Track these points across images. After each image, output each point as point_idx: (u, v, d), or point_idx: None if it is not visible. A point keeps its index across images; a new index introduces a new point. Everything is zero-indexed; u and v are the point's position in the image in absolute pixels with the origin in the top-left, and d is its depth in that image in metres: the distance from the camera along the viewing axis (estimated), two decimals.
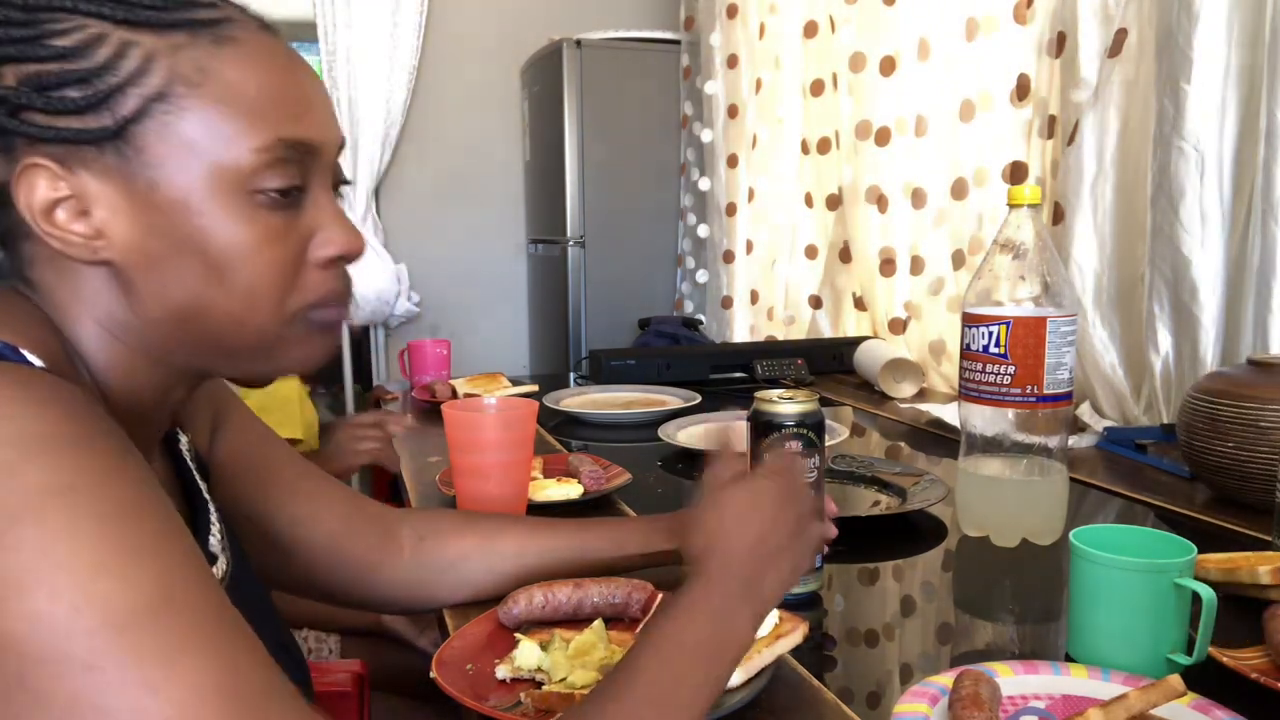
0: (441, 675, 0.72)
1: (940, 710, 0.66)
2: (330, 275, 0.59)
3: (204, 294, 0.55)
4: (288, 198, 0.56)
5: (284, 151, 0.55)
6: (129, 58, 0.52)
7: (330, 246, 0.59)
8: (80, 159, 0.52)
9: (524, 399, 1.12)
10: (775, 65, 2.56)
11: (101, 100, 0.51)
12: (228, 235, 0.54)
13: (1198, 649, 0.71)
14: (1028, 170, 1.76)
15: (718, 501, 0.67)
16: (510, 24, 3.31)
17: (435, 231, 3.37)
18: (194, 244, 0.54)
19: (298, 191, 0.57)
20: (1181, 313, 1.42)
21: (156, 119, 0.52)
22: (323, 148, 0.58)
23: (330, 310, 0.60)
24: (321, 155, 0.58)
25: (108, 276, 0.55)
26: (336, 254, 0.59)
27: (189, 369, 0.60)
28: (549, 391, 1.83)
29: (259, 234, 0.55)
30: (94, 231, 0.53)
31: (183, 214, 0.53)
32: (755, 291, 2.69)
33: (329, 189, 0.60)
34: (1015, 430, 1.02)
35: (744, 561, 0.64)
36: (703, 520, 0.66)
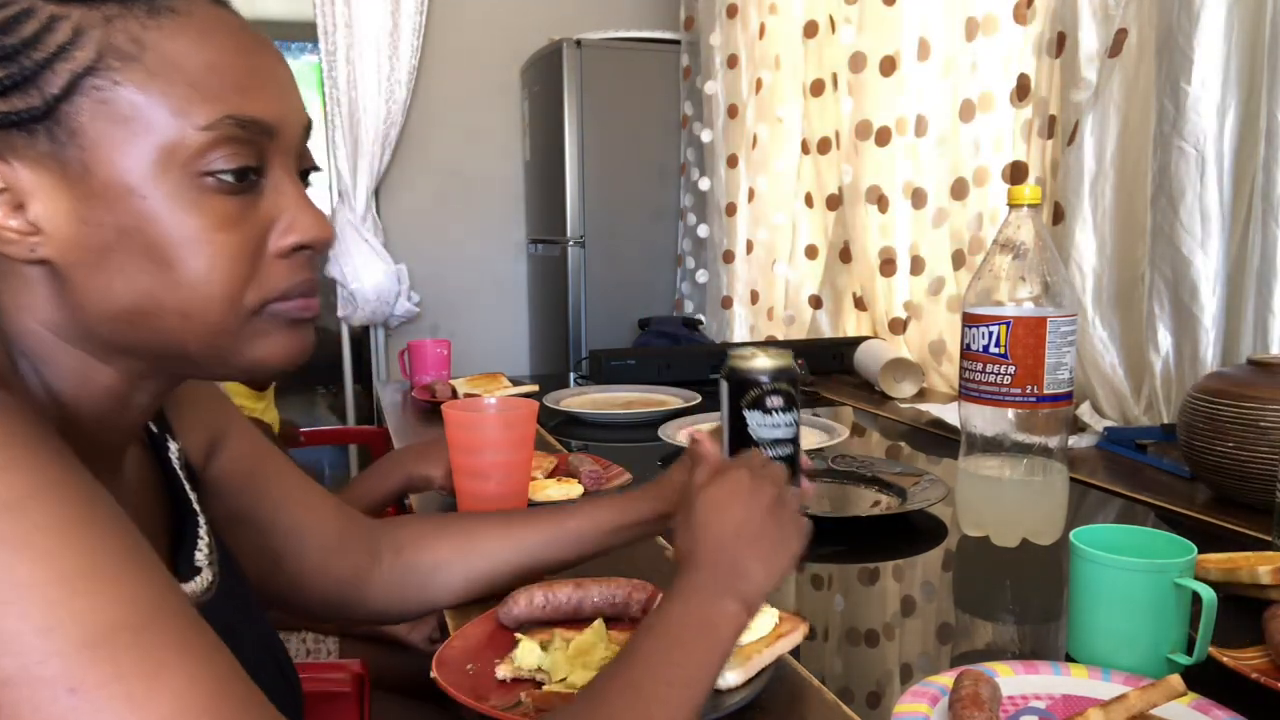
0: (441, 675, 0.72)
1: (940, 710, 0.66)
2: (294, 266, 0.55)
3: (153, 290, 0.50)
4: (242, 181, 0.51)
5: (234, 130, 0.50)
6: (57, 31, 0.48)
7: (292, 234, 0.54)
8: (10, 146, 0.48)
9: (524, 399, 1.12)
10: (775, 65, 2.56)
11: (28, 78, 0.47)
12: (175, 223, 0.50)
13: (1198, 649, 0.71)
14: (1028, 170, 1.76)
15: (698, 499, 0.69)
16: (510, 24, 3.31)
17: (435, 231, 3.38)
18: (139, 235, 0.49)
19: (254, 175, 0.52)
20: (1181, 313, 1.42)
21: (89, 96, 0.48)
22: (280, 127, 0.53)
23: (295, 304, 0.55)
24: (280, 136, 0.53)
25: (49, 275, 0.51)
26: (299, 242, 0.54)
27: (148, 372, 0.55)
28: (549, 391, 1.83)
29: (210, 221, 0.50)
30: (30, 227, 0.49)
31: (125, 202, 0.49)
32: (755, 291, 2.69)
33: (293, 174, 0.55)
34: (1015, 430, 1.02)
35: (724, 548, 0.66)
36: (685, 518, 0.69)
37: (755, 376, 0.79)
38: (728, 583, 0.64)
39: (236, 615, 0.61)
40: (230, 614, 0.59)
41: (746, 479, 0.69)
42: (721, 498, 0.68)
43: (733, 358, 0.81)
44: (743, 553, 0.66)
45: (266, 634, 0.67)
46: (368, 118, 3.14)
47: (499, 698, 0.71)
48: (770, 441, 0.79)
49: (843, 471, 1.27)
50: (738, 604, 0.64)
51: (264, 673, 0.49)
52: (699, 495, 0.69)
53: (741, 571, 0.65)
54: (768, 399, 0.79)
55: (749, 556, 0.66)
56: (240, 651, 0.46)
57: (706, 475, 0.72)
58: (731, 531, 0.66)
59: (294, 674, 0.70)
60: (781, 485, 0.71)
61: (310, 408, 4.10)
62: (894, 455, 1.53)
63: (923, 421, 1.68)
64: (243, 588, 0.67)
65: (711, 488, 0.69)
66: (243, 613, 0.64)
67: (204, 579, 0.60)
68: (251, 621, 0.65)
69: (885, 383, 1.93)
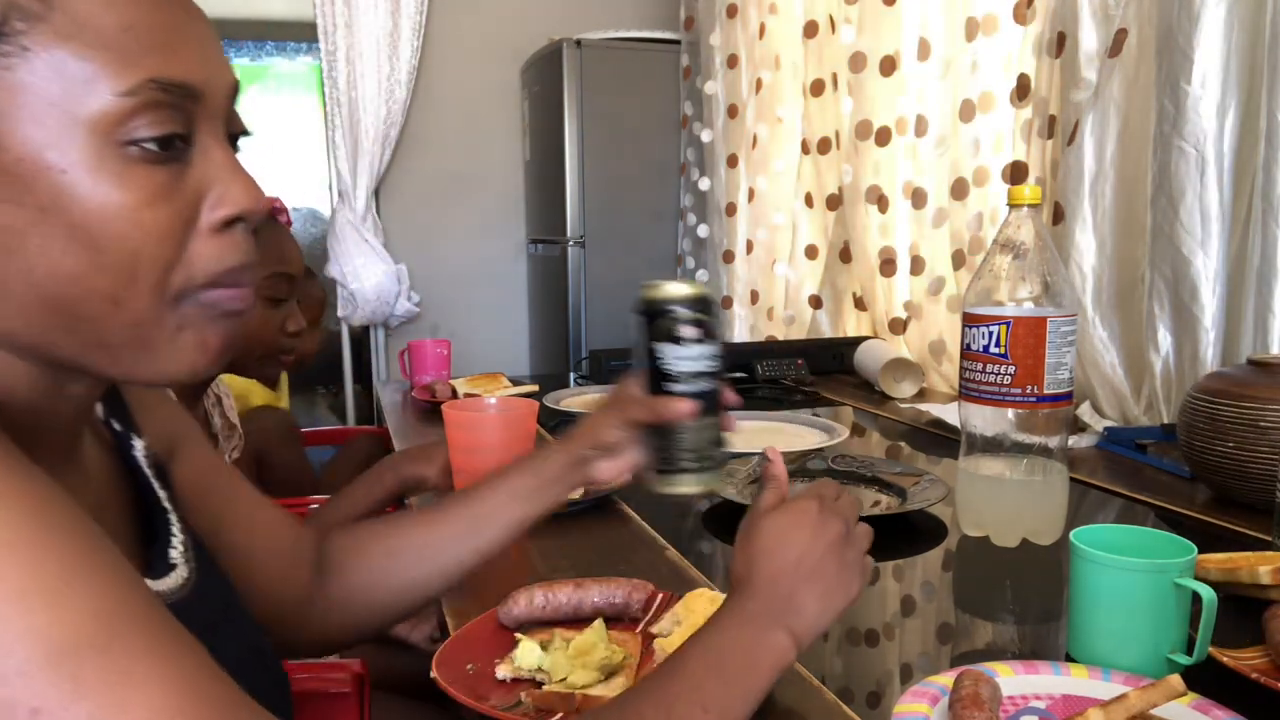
0: (441, 675, 0.72)
1: (940, 710, 0.66)
2: (227, 245, 0.50)
3: (75, 273, 0.46)
4: (168, 150, 0.47)
5: (157, 94, 0.46)
6: None
7: (226, 205, 0.50)
8: None
9: (524, 399, 1.12)
10: (775, 65, 2.56)
11: None
12: (98, 198, 0.46)
13: (1198, 649, 0.71)
14: (1028, 170, 1.76)
15: (761, 524, 0.66)
16: (510, 24, 3.31)
17: (435, 231, 3.38)
18: (61, 214, 0.45)
19: (181, 142, 0.48)
20: (1181, 313, 1.42)
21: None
22: (207, 90, 0.49)
23: (228, 293, 0.51)
24: (207, 100, 0.49)
25: None
26: (233, 213, 0.50)
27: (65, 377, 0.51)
28: (549, 391, 1.83)
29: (136, 194, 0.46)
30: None
31: (42, 177, 0.45)
32: (755, 291, 2.69)
33: (222, 140, 0.51)
34: (1015, 430, 1.02)
35: (781, 580, 0.63)
36: (745, 542, 0.66)
37: (665, 305, 0.74)
38: (780, 615, 0.62)
39: (216, 612, 0.60)
40: (209, 611, 0.58)
41: (814, 511, 0.66)
42: (785, 527, 0.65)
43: (643, 288, 0.75)
44: (800, 586, 0.63)
45: (250, 630, 0.65)
46: (368, 118, 3.14)
47: (499, 698, 0.71)
48: (686, 375, 0.75)
49: (843, 471, 1.27)
50: (788, 638, 0.62)
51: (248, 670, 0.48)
52: (762, 520, 0.66)
53: (796, 606, 0.63)
54: (680, 329, 0.74)
55: (806, 591, 0.63)
56: (222, 649, 0.45)
57: (774, 499, 0.69)
58: (791, 563, 0.64)
59: (280, 670, 0.68)
60: (851, 521, 0.68)
61: (310, 408, 4.10)
62: (894, 455, 1.53)
63: (923, 421, 1.68)
64: (223, 584, 0.64)
65: (777, 515, 0.66)
66: (223, 609, 0.62)
67: (179, 575, 0.57)
68: (233, 618, 0.63)
69: (885, 383, 1.93)
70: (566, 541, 1.07)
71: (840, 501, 0.68)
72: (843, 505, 0.68)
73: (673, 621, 0.79)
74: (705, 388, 0.75)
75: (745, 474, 1.25)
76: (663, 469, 0.78)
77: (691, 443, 0.77)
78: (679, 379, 0.75)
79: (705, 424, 0.76)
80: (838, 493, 0.70)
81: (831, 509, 0.67)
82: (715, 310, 0.76)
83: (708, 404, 0.76)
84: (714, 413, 0.76)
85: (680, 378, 0.75)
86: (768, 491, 0.69)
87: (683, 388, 0.75)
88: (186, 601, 0.56)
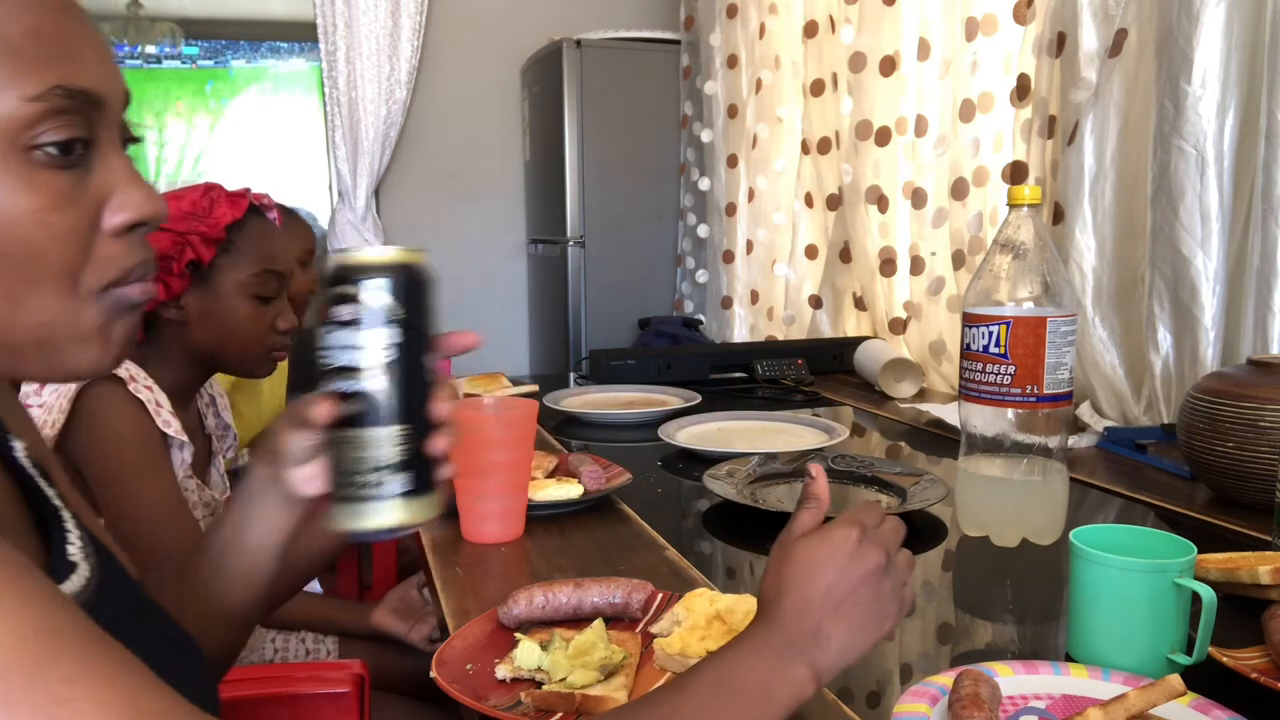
0: (441, 675, 0.72)
1: (940, 710, 0.66)
2: (130, 246, 0.51)
3: None
4: (70, 155, 0.49)
5: (63, 100, 0.47)
6: None
7: (126, 211, 0.51)
8: None
9: (524, 399, 1.12)
10: (775, 65, 2.56)
11: None
12: (4, 201, 0.47)
13: (1198, 649, 0.71)
14: (1028, 170, 1.76)
15: (795, 549, 0.63)
16: (510, 24, 3.31)
17: (435, 231, 3.38)
18: None
19: (83, 147, 0.49)
20: (1181, 313, 1.42)
21: None
22: (107, 98, 0.50)
23: (136, 288, 0.52)
24: (107, 107, 0.51)
25: None
26: (134, 219, 0.51)
27: None
28: (549, 391, 1.83)
29: (43, 198, 0.47)
30: None
31: None
32: (755, 291, 2.69)
33: (119, 147, 0.52)
34: (1015, 430, 1.02)
35: (809, 610, 0.60)
36: (778, 564, 0.63)
37: (328, 277, 0.58)
38: (802, 647, 0.59)
39: (123, 608, 0.58)
40: (116, 607, 0.56)
41: (853, 539, 0.62)
42: (820, 555, 0.61)
43: (333, 254, 0.59)
44: (828, 619, 0.60)
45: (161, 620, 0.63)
46: (368, 118, 3.14)
47: (499, 698, 0.71)
48: (329, 372, 0.58)
49: (843, 471, 1.27)
50: (807, 671, 0.59)
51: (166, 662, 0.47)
52: (797, 545, 0.63)
53: (822, 639, 0.59)
54: (332, 308, 0.57)
55: (834, 624, 0.60)
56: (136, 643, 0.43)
57: (810, 520, 0.65)
58: (821, 594, 0.60)
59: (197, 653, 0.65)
60: (893, 550, 0.63)
61: None
62: (894, 455, 1.53)
63: (923, 421, 1.68)
64: (124, 576, 0.62)
65: (814, 541, 0.62)
66: (129, 604, 0.60)
67: (81, 574, 0.56)
68: (142, 611, 0.61)
69: (885, 383, 1.93)
70: (566, 541, 1.07)
71: (883, 529, 0.64)
72: (884, 534, 0.64)
73: (672, 621, 0.79)
74: (352, 389, 0.57)
75: (745, 474, 1.25)
76: (332, 494, 0.61)
77: (337, 460, 0.59)
78: (322, 373, 0.58)
79: (353, 437, 0.58)
80: (880, 519, 0.65)
81: (872, 538, 0.63)
82: (406, 289, 0.58)
83: (364, 409, 0.58)
84: (371, 423, 0.58)
85: (325, 371, 0.58)
86: (805, 512, 0.66)
87: (330, 384, 0.58)
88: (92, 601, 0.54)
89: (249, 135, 7.20)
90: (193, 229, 1.17)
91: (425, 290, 0.59)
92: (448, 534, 1.09)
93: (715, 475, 1.22)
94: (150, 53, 6.76)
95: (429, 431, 0.60)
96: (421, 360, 0.60)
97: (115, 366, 0.54)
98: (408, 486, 0.59)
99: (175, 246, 1.17)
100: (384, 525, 0.59)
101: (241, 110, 6.90)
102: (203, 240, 1.18)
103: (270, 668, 1.26)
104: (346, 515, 0.59)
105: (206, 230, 1.18)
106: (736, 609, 0.78)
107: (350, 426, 0.58)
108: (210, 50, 7.02)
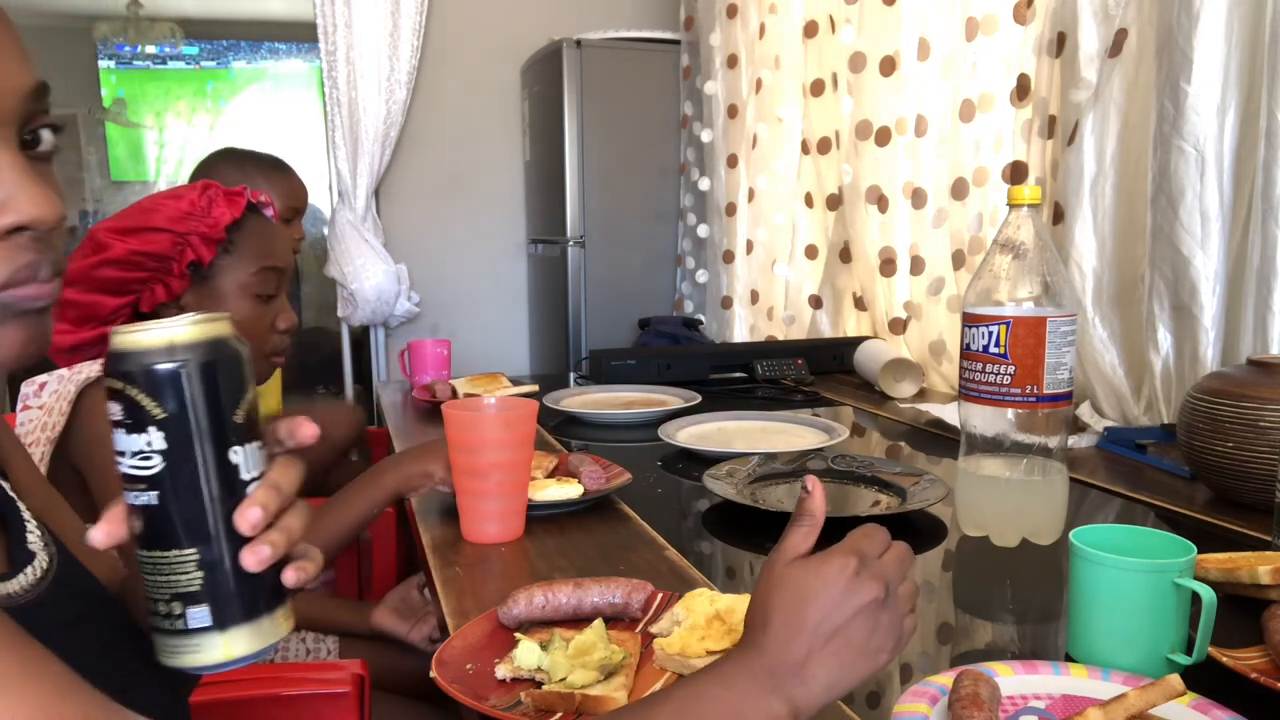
0: (441, 675, 0.72)
1: (940, 710, 0.66)
2: (15, 249, 0.49)
3: None
4: None
5: None
6: None
7: (8, 214, 0.49)
8: None
9: (524, 399, 1.12)
10: (775, 65, 2.56)
11: None
12: None
13: (1198, 649, 0.71)
14: (1028, 170, 1.76)
15: (787, 574, 0.59)
16: (510, 24, 3.31)
17: (435, 231, 3.37)
18: None
19: None
20: (1181, 313, 1.42)
21: None
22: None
23: (25, 291, 0.49)
24: None
25: None
26: (16, 223, 0.49)
27: None
28: (549, 391, 1.83)
29: None
30: None
31: None
32: (755, 291, 2.69)
33: (11, 145, 0.49)
34: (1015, 430, 1.02)
35: (794, 641, 0.57)
36: (767, 586, 0.59)
37: (109, 364, 0.48)
38: (784, 681, 0.56)
39: (83, 595, 0.58)
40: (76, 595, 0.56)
41: (850, 570, 0.58)
42: (814, 585, 0.58)
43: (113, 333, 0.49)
44: (816, 653, 0.56)
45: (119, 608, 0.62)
46: (368, 118, 3.14)
47: (499, 697, 0.71)
48: (128, 480, 0.48)
49: (843, 471, 1.27)
50: (783, 707, 0.56)
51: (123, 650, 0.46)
52: (789, 569, 0.59)
53: (805, 675, 0.56)
54: (111, 403, 0.48)
55: (821, 660, 0.56)
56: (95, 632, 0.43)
57: (803, 541, 0.61)
58: (811, 625, 0.57)
59: None
60: (894, 582, 0.59)
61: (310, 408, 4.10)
62: (894, 455, 1.53)
63: (923, 421, 1.68)
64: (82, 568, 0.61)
65: (808, 569, 0.58)
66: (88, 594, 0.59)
67: (40, 563, 0.54)
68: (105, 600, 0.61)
69: (885, 383, 1.93)
70: (566, 541, 1.07)
71: (885, 559, 0.60)
72: (886, 564, 0.60)
73: (672, 621, 0.79)
74: (139, 500, 0.48)
75: (745, 474, 1.25)
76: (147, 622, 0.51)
77: (143, 582, 0.50)
78: (123, 481, 0.49)
79: (146, 560, 0.49)
80: (883, 547, 0.61)
81: (871, 569, 0.59)
82: (153, 378, 0.47)
83: (146, 527, 0.49)
84: (154, 545, 0.49)
85: (124, 480, 0.49)
86: (797, 530, 0.61)
87: (126, 493, 0.49)
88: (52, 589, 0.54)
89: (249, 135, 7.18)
90: (192, 229, 1.17)
91: (208, 377, 0.48)
92: (448, 534, 1.09)
93: (715, 475, 1.22)
94: (150, 53, 6.75)
95: (232, 549, 0.49)
96: (204, 468, 0.48)
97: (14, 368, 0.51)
98: (212, 620, 0.49)
99: (175, 247, 1.17)
100: (198, 664, 0.50)
101: (241, 110, 6.90)
102: (203, 240, 1.18)
103: (270, 668, 1.26)
104: (160, 651, 0.50)
105: (207, 230, 1.18)
106: (736, 609, 0.78)
107: (141, 547, 0.49)
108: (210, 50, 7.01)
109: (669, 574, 0.97)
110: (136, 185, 6.48)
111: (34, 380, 1.11)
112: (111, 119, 6.90)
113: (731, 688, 0.56)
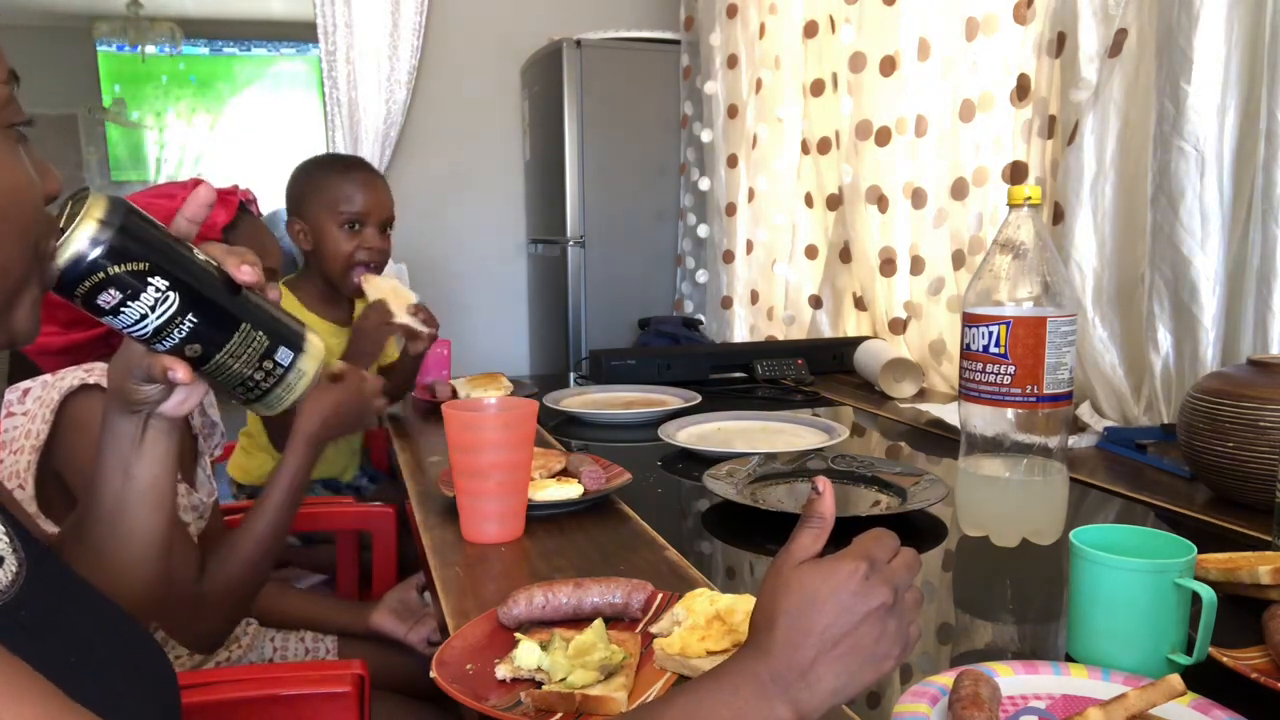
0: (441, 675, 0.72)
1: (940, 710, 0.66)
2: None
3: None
4: None
5: None
6: None
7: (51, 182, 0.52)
8: None
9: (524, 399, 1.12)
10: (775, 65, 2.56)
11: None
12: None
13: (1198, 649, 0.71)
14: (1028, 170, 1.76)
15: (793, 578, 0.58)
16: (510, 24, 3.31)
17: (435, 231, 3.38)
18: None
19: None
20: (1181, 313, 1.42)
21: None
22: None
23: None
24: None
25: None
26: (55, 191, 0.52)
27: None
28: (549, 391, 1.83)
29: None
30: None
31: None
32: (755, 291, 2.70)
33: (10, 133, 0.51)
34: (1015, 430, 1.02)
35: (801, 646, 0.56)
36: (773, 590, 0.58)
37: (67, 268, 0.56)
38: (789, 686, 0.55)
39: (55, 595, 0.57)
40: (49, 596, 0.56)
41: (859, 575, 0.57)
42: (822, 590, 0.57)
43: None
44: (822, 659, 0.56)
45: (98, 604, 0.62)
46: (368, 118, 3.14)
47: (499, 698, 0.71)
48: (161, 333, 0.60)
49: (843, 471, 1.27)
50: (788, 712, 0.55)
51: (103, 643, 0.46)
52: (796, 572, 0.58)
53: (811, 679, 0.56)
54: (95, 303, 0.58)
55: (826, 664, 0.56)
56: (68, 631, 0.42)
57: (811, 543, 0.60)
58: (818, 630, 0.56)
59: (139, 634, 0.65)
60: (902, 588, 0.59)
61: None
62: (894, 455, 1.53)
63: (923, 421, 1.68)
64: (56, 564, 0.61)
65: (816, 573, 0.58)
66: (61, 591, 0.59)
67: (10, 568, 0.55)
68: (77, 596, 0.61)
69: (885, 383, 1.93)
70: (566, 541, 1.07)
71: (894, 565, 0.59)
72: (895, 570, 0.59)
73: (672, 621, 0.79)
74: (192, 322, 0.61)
75: (745, 474, 1.25)
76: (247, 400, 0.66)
77: (228, 381, 0.65)
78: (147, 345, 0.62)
79: (219, 364, 0.64)
80: (892, 552, 0.60)
81: (880, 575, 0.58)
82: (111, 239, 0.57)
83: (209, 335, 0.62)
84: (229, 331, 0.63)
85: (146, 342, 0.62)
86: (806, 532, 0.60)
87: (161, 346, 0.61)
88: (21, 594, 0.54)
89: (249, 134, 7.18)
90: None
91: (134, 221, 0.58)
92: (448, 534, 1.09)
93: (715, 475, 1.22)
94: (150, 53, 6.75)
95: (254, 302, 0.64)
96: (196, 270, 0.61)
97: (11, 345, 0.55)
98: (291, 351, 0.65)
99: None
100: (306, 385, 0.66)
101: (242, 109, 6.90)
102: None
103: (270, 667, 1.26)
104: (273, 406, 0.65)
105: (203, 233, 1.17)
106: (736, 609, 0.78)
107: (205, 361, 0.62)
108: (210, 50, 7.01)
109: (669, 574, 0.97)
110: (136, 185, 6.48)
111: (17, 387, 1.10)
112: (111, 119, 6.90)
113: (736, 693, 0.56)
